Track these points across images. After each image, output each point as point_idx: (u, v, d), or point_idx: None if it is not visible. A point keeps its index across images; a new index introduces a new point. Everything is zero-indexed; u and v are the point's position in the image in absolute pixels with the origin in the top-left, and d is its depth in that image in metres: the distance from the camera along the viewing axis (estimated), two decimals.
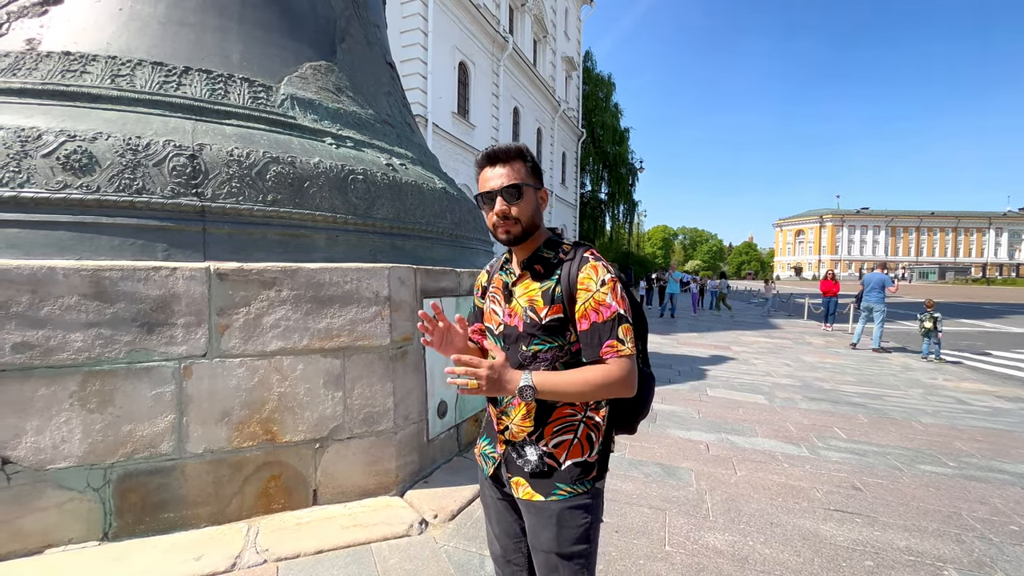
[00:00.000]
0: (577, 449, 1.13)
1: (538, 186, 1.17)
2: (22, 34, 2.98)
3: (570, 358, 1.12)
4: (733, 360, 7.22)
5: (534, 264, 1.17)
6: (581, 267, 1.11)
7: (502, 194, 1.11)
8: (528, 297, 1.14)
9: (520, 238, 1.13)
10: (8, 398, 1.95)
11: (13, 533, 1.94)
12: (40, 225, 2.34)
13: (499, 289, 1.22)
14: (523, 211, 1.12)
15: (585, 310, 1.07)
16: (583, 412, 1.15)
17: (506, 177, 1.11)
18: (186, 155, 2.66)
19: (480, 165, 1.16)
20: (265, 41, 3.53)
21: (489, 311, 1.25)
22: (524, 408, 1.14)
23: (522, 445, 1.15)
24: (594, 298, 1.07)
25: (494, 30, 17.87)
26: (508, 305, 1.18)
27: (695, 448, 3.44)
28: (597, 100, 29.93)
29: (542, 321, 1.11)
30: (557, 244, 1.19)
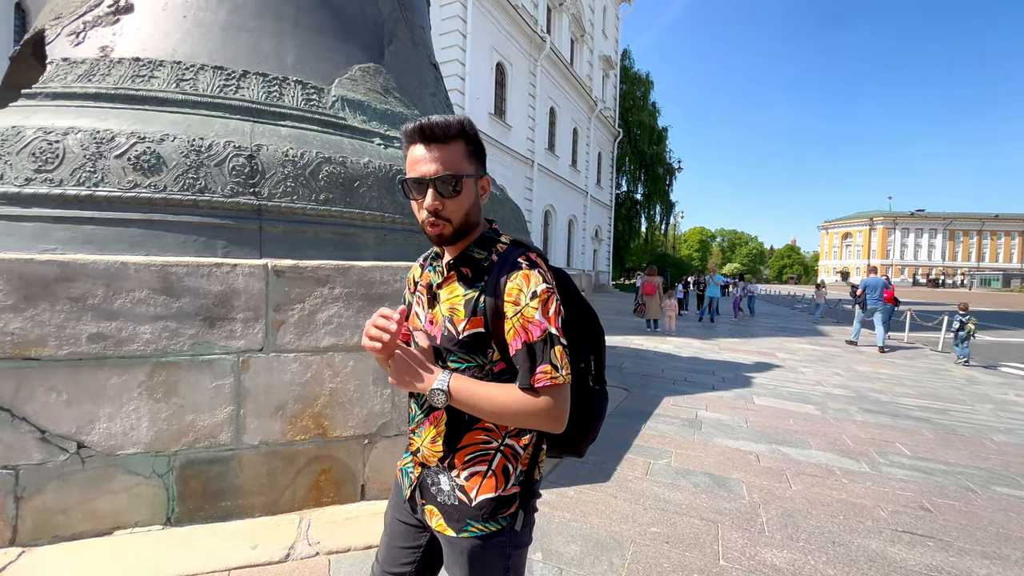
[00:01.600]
0: (491, 483, 0.98)
1: (480, 174, 0.98)
2: (96, 42, 3.15)
3: (492, 380, 0.96)
4: (779, 368, 6.93)
5: (462, 265, 1.00)
6: (511, 275, 0.93)
7: (435, 185, 0.91)
8: (450, 304, 0.98)
9: (451, 240, 0.96)
10: (84, 386, 2.06)
11: (87, 514, 2.05)
12: (113, 222, 2.46)
13: (425, 289, 1.05)
14: (458, 208, 0.94)
15: (515, 328, 0.92)
16: (501, 439, 1.00)
17: (441, 163, 0.91)
18: (245, 155, 2.75)
19: (409, 139, 0.94)
20: (317, 44, 3.62)
21: (413, 314, 1.08)
22: (433, 429, 1.01)
23: (436, 472, 1.02)
24: (522, 314, 0.91)
25: (532, 30, 17.85)
26: (431, 311, 1.01)
27: (745, 458, 3.30)
28: (635, 99, 29.49)
29: (459, 335, 0.95)
30: (492, 242, 1.01)
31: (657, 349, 8.04)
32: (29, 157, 2.47)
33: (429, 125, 0.92)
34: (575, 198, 23.69)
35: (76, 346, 2.05)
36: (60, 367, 2.03)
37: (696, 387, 5.38)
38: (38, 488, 2.00)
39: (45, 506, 2.00)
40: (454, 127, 0.93)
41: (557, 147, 21.39)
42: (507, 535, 0.99)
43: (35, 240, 2.40)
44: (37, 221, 2.42)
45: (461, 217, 0.95)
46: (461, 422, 0.99)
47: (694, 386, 5.43)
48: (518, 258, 0.96)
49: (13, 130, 2.53)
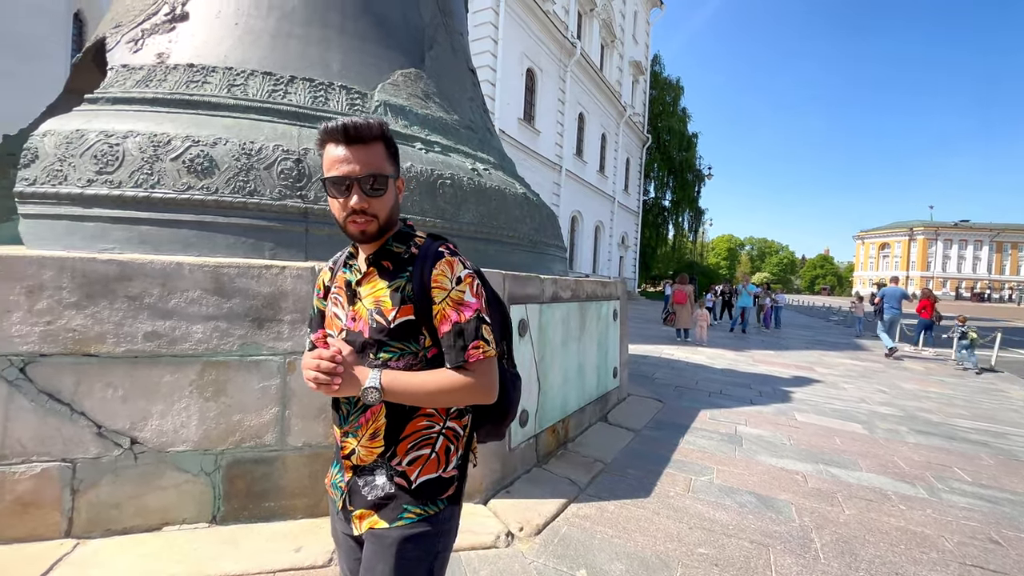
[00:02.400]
0: (433, 464, 1.01)
1: (396, 175, 1.01)
2: (153, 48, 3.26)
3: (425, 365, 0.98)
4: (819, 383, 6.66)
5: (382, 260, 1.01)
6: (435, 263, 0.98)
7: (361, 186, 0.93)
8: (374, 298, 0.99)
9: (376, 236, 0.99)
10: (139, 383, 2.10)
11: (138, 509, 2.09)
12: (167, 223, 2.53)
13: (342, 289, 1.06)
14: (383, 206, 0.97)
15: (444, 311, 0.96)
16: (442, 422, 1.02)
17: (365, 164, 0.93)
18: (292, 159, 2.80)
19: (330, 138, 0.95)
20: (361, 50, 3.66)
21: (331, 315, 1.07)
22: (372, 426, 0.99)
23: (371, 470, 1.00)
24: (451, 297, 0.96)
25: (562, 36, 17.86)
26: (352, 308, 1.02)
27: (791, 478, 3.16)
28: (664, 104, 29.14)
29: (390, 324, 0.97)
30: (409, 236, 1.04)
31: (689, 360, 7.85)
32: (91, 159, 2.56)
33: (353, 125, 0.94)
34: (602, 204, 23.50)
35: (132, 344, 2.10)
36: (117, 364, 2.08)
37: (733, 400, 5.21)
38: (93, 482, 2.04)
39: (99, 500, 2.05)
40: (376, 128, 0.96)
41: (585, 152, 21.29)
42: (439, 525, 1.00)
43: (95, 239, 2.48)
44: (97, 221, 2.50)
45: (386, 215, 0.98)
46: (402, 412, 0.99)
47: (731, 399, 5.25)
48: (439, 248, 1.01)
49: (77, 133, 2.63)
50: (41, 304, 2.01)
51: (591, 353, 3.99)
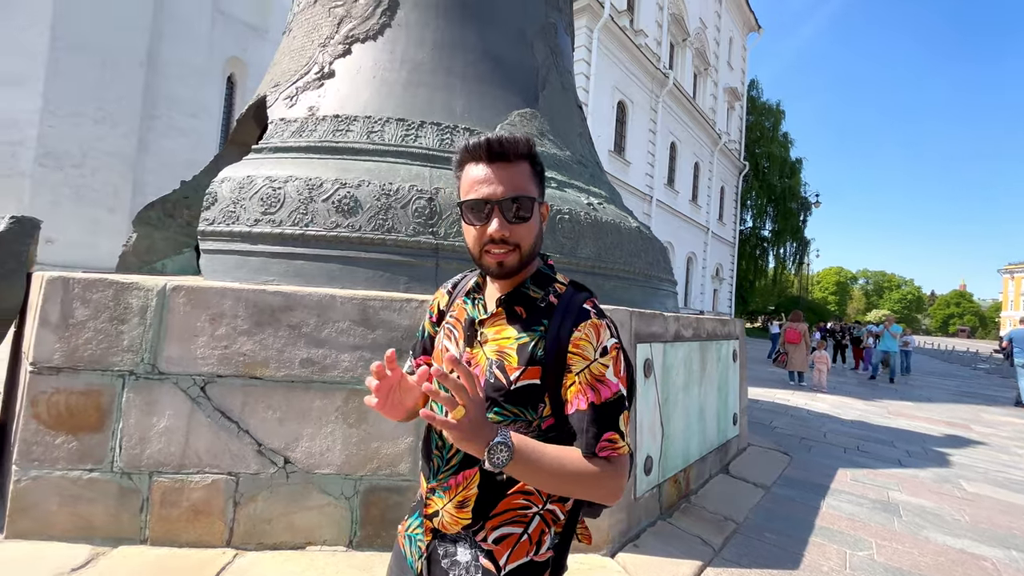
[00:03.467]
0: (524, 547, 0.86)
1: (542, 198, 0.89)
2: (305, 103, 3.67)
3: (538, 435, 0.82)
4: (982, 445, 5.62)
5: (515, 303, 0.88)
6: (578, 323, 0.83)
7: (502, 209, 0.81)
8: (499, 348, 0.86)
9: (515, 271, 0.86)
10: (294, 406, 2.27)
11: (287, 525, 2.22)
12: (318, 258, 2.77)
13: (459, 323, 0.93)
14: (527, 235, 0.85)
15: (579, 386, 0.81)
16: (542, 504, 0.87)
17: (511, 185, 0.82)
18: (425, 198, 2.96)
19: (471, 157, 0.85)
20: (481, 93, 3.86)
21: (440, 347, 0.95)
22: (462, 493, 0.86)
23: (453, 540, 0.88)
24: (591, 370, 0.81)
25: (654, 67, 17.77)
26: (469, 349, 0.89)
27: (977, 565, 2.62)
28: (763, 130, 27.64)
29: (511, 385, 0.83)
30: (549, 280, 0.90)
31: (810, 408, 7.04)
32: (258, 202, 2.89)
33: (498, 140, 0.83)
34: (695, 235, 22.49)
35: (290, 369, 2.28)
36: (277, 387, 2.27)
37: (876, 460, 4.53)
38: (252, 496, 2.21)
39: (255, 513, 2.20)
40: (522, 145, 0.85)
41: (677, 182, 20.65)
42: None
43: (258, 272, 2.77)
44: (261, 256, 2.80)
45: (529, 247, 0.85)
46: (497, 485, 0.85)
47: (873, 458, 4.57)
48: (583, 303, 0.86)
49: (247, 179, 3.01)
50: (221, 330, 2.27)
51: (711, 397, 3.69)
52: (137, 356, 2.21)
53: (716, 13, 23.23)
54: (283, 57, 4.22)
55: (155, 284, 2.27)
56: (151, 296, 2.24)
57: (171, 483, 2.17)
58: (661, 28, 18.62)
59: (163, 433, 2.19)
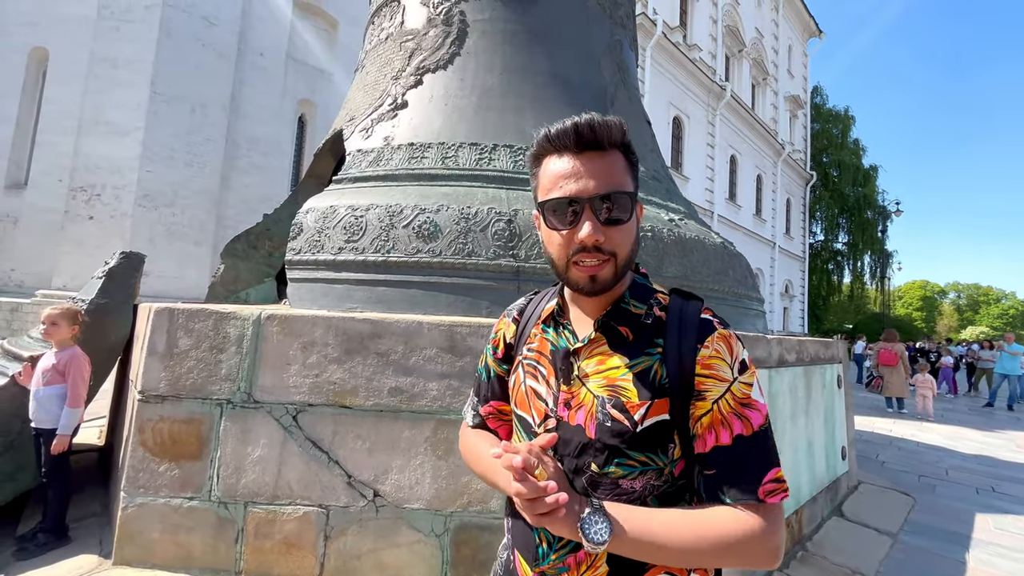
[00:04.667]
0: None
1: (636, 197, 0.74)
2: (381, 134, 3.75)
3: (669, 489, 0.68)
4: None
5: (618, 324, 0.72)
6: (703, 337, 0.68)
7: (595, 209, 0.66)
8: (608, 381, 0.70)
9: (611, 285, 0.70)
10: (383, 436, 2.21)
11: (375, 563, 2.13)
12: (400, 284, 2.75)
13: (544, 356, 0.78)
14: (624, 241, 0.69)
15: (721, 414, 0.65)
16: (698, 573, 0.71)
17: (605, 180, 0.67)
18: (504, 220, 2.89)
19: (552, 146, 0.70)
20: (552, 113, 3.78)
21: (525, 391, 0.78)
22: (590, 573, 0.68)
23: None
24: (733, 392, 0.66)
25: (710, 80, 17.33)
26: (566, 388, 0.73)
27: None
28: (831, 137, 26.10)
29: (636, 426, 0.66)
30: (649, 291, 0.76)
31: (917, 439, 6.26)
32: (342, 230, 2.94)
33: (588, 124, 0.67)
34: (760, 250, 21.33)
35: (379, 398, 2.23)
36: (366, 416, 2.22)
37: (1019, 504, 3.88)
38: (342, 530, 2.15)
39: (345, 549, 2.14)
40: (616, 130, 0.69)
41: (739, 196, 19.79)
42: None
43: (342, 300, 2.79)
44: (345, 284, 2.82)
45: (627, 253, 0.71)
46: (629, 562, 0.66)
47: (1015, 502, 3.93)
48: (701, 312, 0.71)
49: (330, 209, 3.07)
50: (312, 358, 2.26)
51: (818, 428, 3.31)
52: (234, 385, 2.24)
53: (773, 22, 22.47)
54: (357, 92, 4.37)
55: (251, 313, 2.31)
56: (247, 325, 2.28)
57: (265, 514, 2.15)
58: (716, 41, 18.20)
59: (257, 463, 2.18)
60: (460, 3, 4.03)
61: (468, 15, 4.00)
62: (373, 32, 4.59)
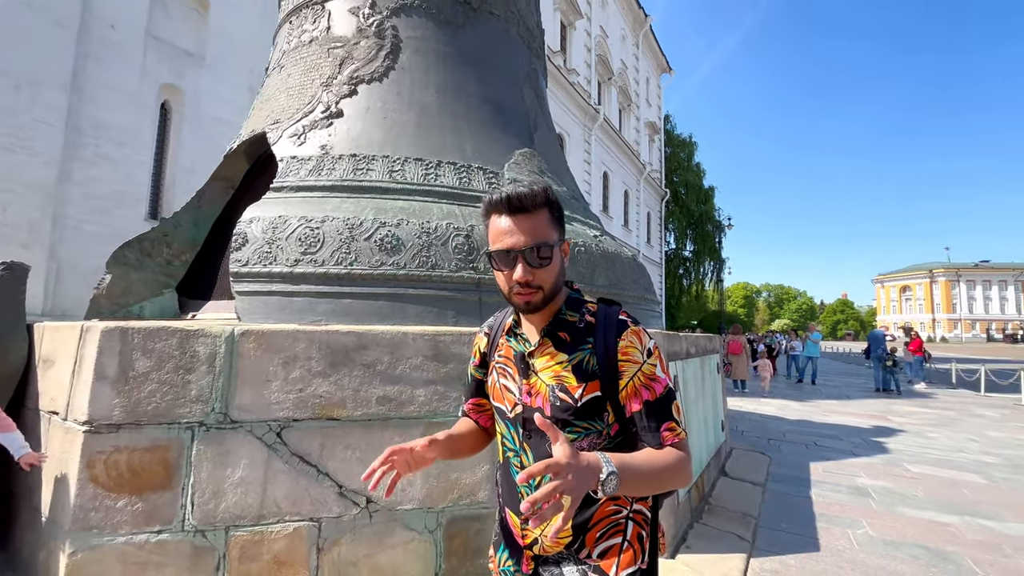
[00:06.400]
0: (629, 555, 0.92)
1: (562, 239, 0.97)
2: (316, 141, 3.69)
3: (608, 445, 0.92)
4: (903, 432, 6.57)
5: (558, 330, 0.96)
6: (620, 333, 0.93)
7: (525, 257, 0.89)
8: (555, 373, 0.94)
9: (541, 307, 0.93)
10: (373, 444, 2.29)
11: (372, 567, 2.21)
12: (366, 296, 2.81)
13: (510, 360, 1.01)
14: (548, 276, 0.92)
15: (635, 387, 0.90)
16: (629, 505, 0.94)
17: (530, 235, 0.89)
18: (463, 235, 3.11)
19: (493, 210, 0.95)
20: (486, 135, 4.09)
21: (499, 387, 1.03)
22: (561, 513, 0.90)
23: (556, 562, 0.94)
24: (643, 372, 0.91)
25: (586, 103, 19.04)
26: (526, 381, 0.97)
27: (945, 531, 3.16)
28: (679, 160, 30.30)
29: (577, 403, 0.91)
30: (580, 303, 0.99)
31: (760, 411, 7.80)
32: (296, 242, 2.88)
33: (516, 196, 0.90)
34: None
35: (368, 407, 2.30)
36: (355, 426, 2.28)
37: (834, 452, 5.18)
38: (335, 540, 2.18)
39: (339, 558, 2.17)
40: (540, 196, 0.92)
41: (611, 208, 22.02)
42: None
43: (303, 312, 2.75)
44: (305, 296, 2.79)
45: (551, 285, 0.93)
46: (589, 497, 0.85)
47: (832, 451, 5.23)
48: (619, 315, 0.97)
49: (280, 219, 2.98)
50: (295, 373, 2.25)
51: (709, 407, 4.09)
52: (207, 406, 2.13)
53: (634, 56, 25.49)
54: (279, 94, 4.19)
55: (222, 330, 2.21)
56: (219, 342, 2.19)
57: (250, 536, 2.09)
58: (590, 67, 20.09)
59: (239, 484, 2.11)
60: (392, 18, 4.11)
61: (401, 31, 4.10)
62: (291, 32, 4.43)
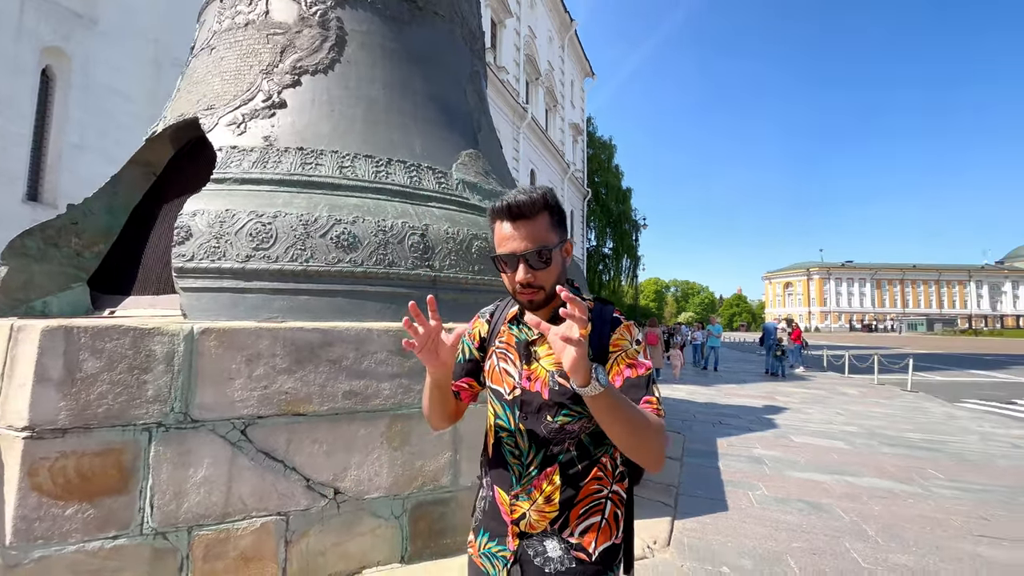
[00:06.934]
0: (607, 532, 1.01)
1: (563, 240, 1.03)
2: (258, 132, 3.58)
3: (595, 428, 0.97)
4: (787, 410, 7.65)
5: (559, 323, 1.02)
6: (614, 328, 1.02)
7: (527, 260, 0.96)
8: (554, 360, 1.01)
9: (543, 304, 1.01)
10: (340, 437, 2.36)
11: (341, 555, 2.29)
12: (323, 293, 2.83)
13: (511, 346, 1.09)
14: (549, 277, 0.99)
15: (620, 368, 0.98)
16: (609, 485, 1.03)
17: (531, 239, 0.97)
18: (418, 234, 3.22)
19: (497, 217, 1.01)
20: (433, 135, 4.20)
21: (499, 371, 1.10)
22: (547, 489, 1.00)
23: (540, 539, 1.00)
24: (627, 354, 1.00)
25: (515, 101, 19.41)
26: (527, 367, 1.04)
27: (820, 487, 3.84)
28: (600, 162, 31.81)
29: (574, 389, 0.94)
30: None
31: (673, 396, 8.63)
32: (247, 237, 2.83)
33: (516, 204, 0.97)
34: None
35: (334, 402, 2.37)
36: (322, 421, 2.34)
37: (735, 429, 5.95)
38: (303, 533, 2.24)
39: (308, 549, 2.23)
40: (539, 202, 0.98)
41: None
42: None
43: (258, 310, 2.72)
44: (259, 293, 2.75)
45: (552, 283, 0.99)
46: (575, 476, 1.00)
47: (733, 428, 6.00)
48: (614, 313, 1.06)
49: (227, 213, 2.90)
50: (259, 371, 2.26)
51: None
52: (165, 406, 2.08)
53: (560, 58, 26.30)
54: (211, 77, 3.99)
55: (179, 328, 2.16)
56: (177, 341, 2.14)
57: (215, 535, 2.09)
58: (519, 67, 20.47)
59: (202, 484, 2.10)
60: (336, 9, 4.07)
61: (346, 23, 4.07)
62: (223, 12, 4.22)
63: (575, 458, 1.01)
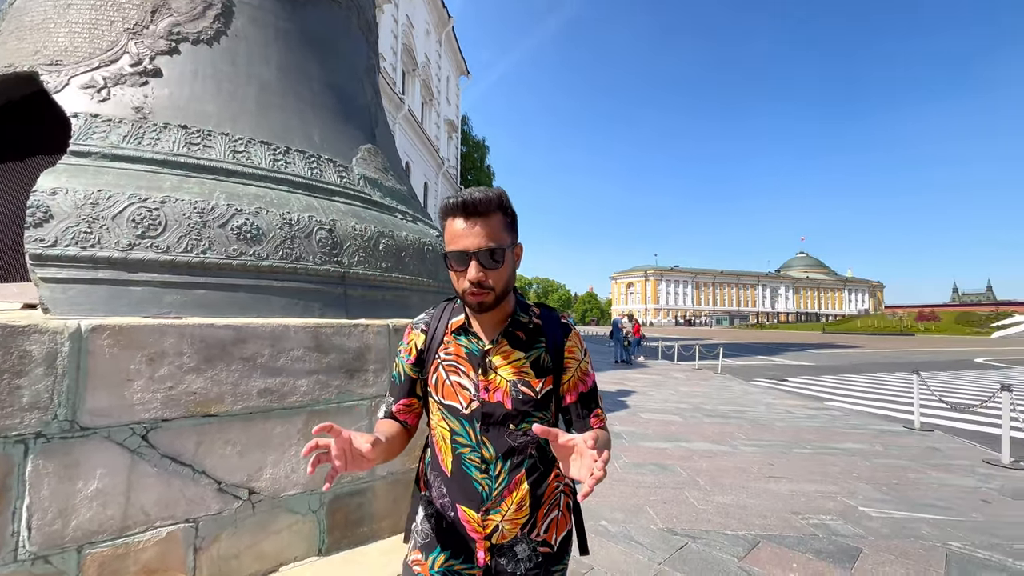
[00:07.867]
0: (564, 521, 1.08)
1: (515, 242, 1.02)
2: (128, 101, 3.19)
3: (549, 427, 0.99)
4: (635, 393, 8.96)
5: (516, 330, 1.04)
6: (567, 334, 1.06)
7: (479, 259, 0.94)
8: (515, 369, 1.01)
9: (492, 306, 1.00)
10: (254, 437, 2.30)
11: (256, 555, 2.25)
12: (223, 287, 2.68)
13: (462, 358, 1.04)
14: (501, 278, 0.98)
15: (574, 381, 1.03)
16: (564, 479, 1.08)
17: (484, 237, 0.94)
18: (326, 229, 3.18)
19: (450, 213, 0.97)
20: (332, 126, 4.12)
21: (450, 384, 1.05)
22: (517, 497, 1.01)
23: (511, 546, 1.02)
24: (580, 368, 1.04)
25: (392, 91, 18.87)
26: (484, 377, 1.02)
27: (665, 452, 4.74)
28: (474, 161, 32.47)
29: (538, 395, 1.00)
30: (526, 306, 1.09)
31: None
32: (129, 223, 2.54)
33: (472, 201, 0.94)
34: None
35: (248, 401, 2.30)
36: (235, 421, 2.25)
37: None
38: (215, 537, 2.15)
39: (220, 554, 2.15)
40: (494, 201, 0.96)
41: None
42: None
43: (146, 304, 2.47)
44: (146, 286, 2.49)
45: (503, 286, 0.98)
46: (540, 476, 1.04)
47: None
48: (561, 318, 1.09)
49: (101, 194, 2.56)
50: (163, 371, 2.10)
51: None
52: (46, 413, 1.84)
53: (437, 52, 26.19)
54: (54, 27, 3.44)
55: (63, 326, 1.92)
56: (60, 340, 1.90)
57: (111, 551, 1.92)
58: (396, 55, 19.91)
59: (94, 497, 1.90)
60: None
61: None
62: None
63: (537, 460, 1.04)
